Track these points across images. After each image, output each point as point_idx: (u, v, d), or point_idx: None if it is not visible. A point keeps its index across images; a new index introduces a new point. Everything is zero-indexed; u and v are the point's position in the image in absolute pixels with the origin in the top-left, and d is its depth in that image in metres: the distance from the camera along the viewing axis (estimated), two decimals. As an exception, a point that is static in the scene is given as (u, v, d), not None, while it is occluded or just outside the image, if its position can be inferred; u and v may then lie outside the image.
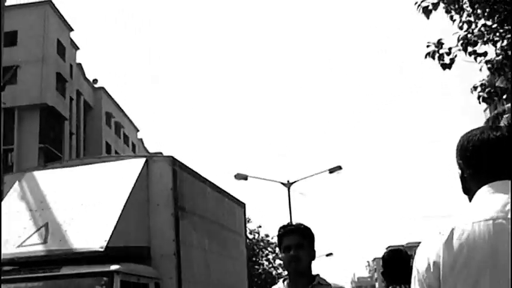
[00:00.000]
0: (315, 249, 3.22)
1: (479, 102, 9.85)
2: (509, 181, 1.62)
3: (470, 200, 1.70)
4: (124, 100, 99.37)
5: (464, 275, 1.52)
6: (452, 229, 1.58)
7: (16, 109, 33.87)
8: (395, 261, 4.40)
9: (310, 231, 3.21)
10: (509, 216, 1.53)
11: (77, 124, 40.57)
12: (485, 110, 47.21)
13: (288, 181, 24.19)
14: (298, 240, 3.11)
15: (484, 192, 1.64)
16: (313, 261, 3.16)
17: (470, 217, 1.58)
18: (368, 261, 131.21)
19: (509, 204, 1.56)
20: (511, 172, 1.64)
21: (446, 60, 8.96)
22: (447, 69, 9.03)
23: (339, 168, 24.05)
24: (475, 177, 1.68)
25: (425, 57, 8.79)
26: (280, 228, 3.20)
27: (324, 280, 3.19)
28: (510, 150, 1.65)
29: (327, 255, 37.63)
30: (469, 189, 1.71)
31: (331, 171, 23.98)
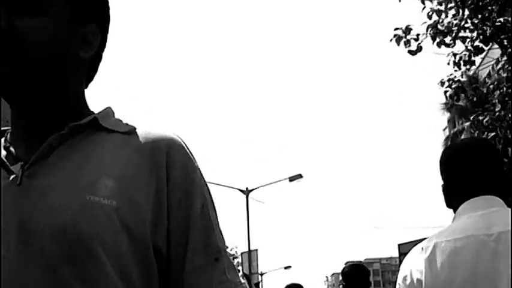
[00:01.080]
0: None
1: (446, 98, 9.47)
2: (493, 196, 1.60)
3: (454, 213, 1.67)
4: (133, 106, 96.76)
5: None
6: (435, 245, 1.57)
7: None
8: (356, 275, 4.42)
9: None
10: (491, 232, 1.51)
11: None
12: (444, 129, 47.65)
13: (247, 188, 23.44)
14: None
15: (467, 208, 1.62)
16: None
17: (452, 233, 1.58)
18: (327, 276, 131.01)
19: (493, 219, 1.53)
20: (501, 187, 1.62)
21: (413, 46, 8.52)
22: (414, 56, 8.59)
23: (300, 176, 23.43)
24: (457, 191, 1.66)
25: (390, 40, 8.32)
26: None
27: None
28: (494, 164, 1.63)
29: (285, 267, 36.78)
30: (452, 203, 1.69)
31: (292, 179, 23.33)
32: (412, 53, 8.27)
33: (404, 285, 1.61)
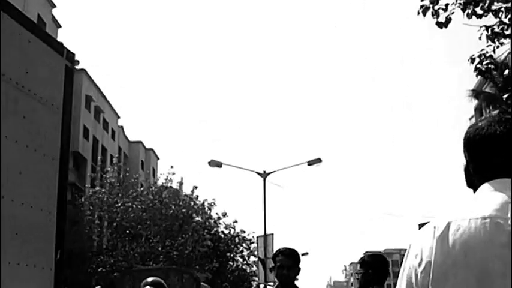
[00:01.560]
0: (300, 266, 4.58)
1: (476, 76, 8.95)
2: (509, 179, 1.57)
3: (474, 192, 1.65)
4: (106, 85, 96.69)
5: (454, 275, 1.48)
6: (448, 223, 1.54)
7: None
8: (376, 263, 4.46)
9: (299, 256, 4.70)
10: (508, 215, 1.48)
11: (53, 104, 39.07)
12: (470, 118, 46.57)
13: (265, 171, 23.20)
14: (291, 263, 4.53)
15: (486, 189, 1.60)
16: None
17: (468, 213, 1.54)
18: (345, 265, 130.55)
19: (509, 204, 1.51)
20: None
21: (442, 18, 8.00)
22: (443, 28, 8.08)
23: (319, 160, 23.12)
24: (478, 172, 1.65)
25: (418, 13, 7.83)
26: (278, 251, 4.66)
27: None
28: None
29: (303, 254, 36.52)
30: (473, 183, 1.68)
31: (310, 163, 23.05)
32: (441, 25, 7.80)
33: (413, 262, 1.58)
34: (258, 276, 21.94)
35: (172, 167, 34.98)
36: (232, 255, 40.02)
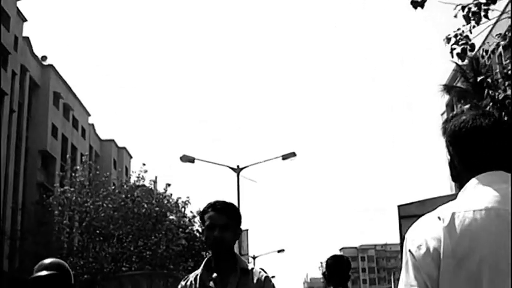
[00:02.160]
0: (241, 228, 3.32)
1: (452, 56, 8.51)
2: (503, 172, 1.61)
3: (460, 187, 1.67)
4: (75, 82, 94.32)
5: (465, 265, 1.49)
6: (453, 214, 1.55)
7: (-52, 79, 31.10)
8: (335, 266, 4.70)
9: (238, 212, 3.26)
10: (508, 207, 1.52)
11: (20, 101, 37.83)
12: (442, 114, 46.59)
13: (238, 166, 22.63)
14: (224, 221, 3.13)
15: (480, 182, 1.62)
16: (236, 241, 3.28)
17: (471, 204, 1.56)
18: (321, 262, 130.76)
19: (509, 195, 1.54)
20: (511, 163, 1.63)
21: (416, -4, 7.55)
22: (419, 8, 7.66)
23: (293, 154, 22.63)
24: (465, 165, 1.68)
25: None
26: (208, 205, 3.20)
27: (245, 262, 3.27)
28: (504, 138, 1.64)
29: (279, 251, 36.06)
30: (459, 177, 1.70)
31: (285, 157, 22.55)
32: (415, 4, 7.35)
33: (418, 254, 1.55)
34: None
35: (144, 164, 34.08)
36: (207, 254, 39.38)
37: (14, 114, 36.16)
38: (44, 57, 42.34)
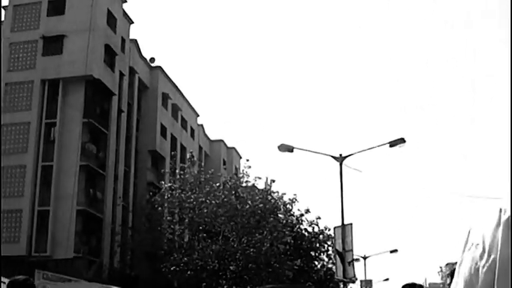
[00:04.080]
0: None
1: None
2: None
3: None
4: (183, 83, 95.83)
5: None
6: None
7: (60, 81, 32.34)
8: None
9: None
10: None
11: (129, 102, 38.75)
12: None
13: (341, 155, 20.85)
14: None
15: None
16: None
17: None
18: (440, 267, 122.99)
19: None
20: None
21: None
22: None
23: (402, 141, 20.45)
24: None
25: None
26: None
27: None
28: None
29: (391, 251, 33.44)
30: None
31: (392, 144, 20.45)
32: None
33: (475, 255, 1.35)
34: (336, 271, 19.63)
35: (247, 160, 33.29)
36: (316, 254, 37.81)
37: (123, 114, 37.03)
38: (152, 59, 43.19)
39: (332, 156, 20.96)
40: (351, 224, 19.71)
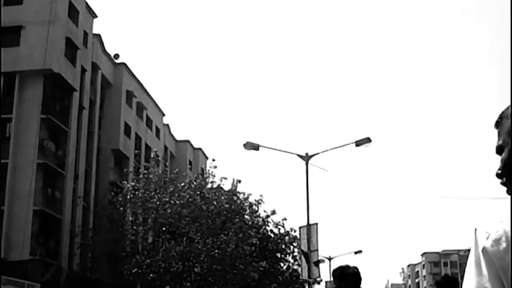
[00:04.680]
0: None
1: None
2: None
3: None
4: (149, 81, 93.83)
5: None
6: None
7: (17, 74, 30.92)
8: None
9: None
10: None
11: (91, 99, 37.48)
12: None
13: (307, 153, 20.30)
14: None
15: None
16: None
17: None
18: (402, 268, 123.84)
19: None
20: None
21: None
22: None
23: (368, 140, 20.03)
24: None
25: None
26: (338, 270, 4.11)
27: None
28: None
29: (356, 252, 33.03)
30: None
31: (358, 144, 20.01)
32: None
33: (496, 250, 1.35)
34: (301, 272, 19.02)
35: (214, 160, 32.54)
36: (282, 255, 37.26)
37: (85, 111, 35.76)
38: (117, 56, 42.00)
39: (298, 155, 20.38)
40: (317, 223, 19.12)
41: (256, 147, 20.60)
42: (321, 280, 36.25)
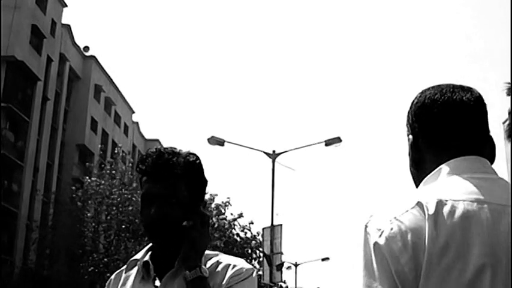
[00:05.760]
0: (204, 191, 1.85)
1: None
2: (480, 157, 1.39)
3: (421, 175, 1.42)
4: (119, 78, 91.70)
5: (458, 267, 1.22)
6: (438, 203, 1.27)
7: (-23, 60, 29.58)
8: None
9: (199, 166, 1.84)
10: (505, 202, 1.29)
11: (57, 90, 36.17)
12: (504, 122, 41.90)
13: (274, 151, 19.54)
14: (171, 190, 1.74)
15: (456, 168, 1.37)
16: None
17: (457, 194, 1.30)
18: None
19: (499, 187, 1.32)
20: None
21: None
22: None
23: (338, 140, 19.38)
24: (436, 146, 1.42)
25: None
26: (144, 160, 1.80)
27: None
28: (483, 120, 1.43)
29: (323, 259, 32.28)
30: (422, 161, 1.45)
31: (328, 143, 19.34)
32: None
33: (391, 249, 1.25)
34: (262, 275, 18.17)
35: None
36: (248, 260, 36.46)
37: (49, 102, 34.44)
38: (86, 48, 40.78)
39: (265, 153, 19.60)
40: (281, 225, 18.36)
41: (221, 142, 19.76)
42: (287, 286, 35.42)
